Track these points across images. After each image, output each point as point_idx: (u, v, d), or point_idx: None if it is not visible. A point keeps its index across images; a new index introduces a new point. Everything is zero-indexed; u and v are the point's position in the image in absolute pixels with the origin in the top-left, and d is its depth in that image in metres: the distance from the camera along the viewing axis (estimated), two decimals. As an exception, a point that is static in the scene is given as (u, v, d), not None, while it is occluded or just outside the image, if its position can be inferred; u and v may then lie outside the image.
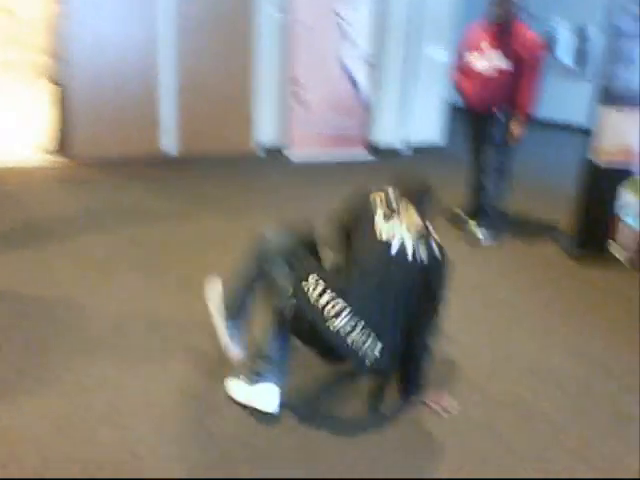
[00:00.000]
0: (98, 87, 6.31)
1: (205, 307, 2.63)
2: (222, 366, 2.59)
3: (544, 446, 2.21)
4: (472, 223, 4.55)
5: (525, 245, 4.43)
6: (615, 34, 3.96)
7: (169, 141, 6.70)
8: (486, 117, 4.33)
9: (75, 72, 6.16)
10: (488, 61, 4.21)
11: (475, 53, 4.28)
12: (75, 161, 6.25)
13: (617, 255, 4.07)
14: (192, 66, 6.65)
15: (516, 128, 4.26)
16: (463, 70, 4.40)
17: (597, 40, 8.92)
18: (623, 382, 2.68)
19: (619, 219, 4.09)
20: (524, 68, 4.13)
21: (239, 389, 2.37)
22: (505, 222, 4.67)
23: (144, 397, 2.40)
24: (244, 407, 2.32)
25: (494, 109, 4.26)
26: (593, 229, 4.17)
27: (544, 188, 5.76)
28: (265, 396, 2.30)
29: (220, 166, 6.46)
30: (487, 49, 4.22)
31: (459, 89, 4.49)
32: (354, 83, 7.12)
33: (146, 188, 5.54)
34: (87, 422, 2.24)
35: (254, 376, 2.33)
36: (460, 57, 4.45)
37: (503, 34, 4.18)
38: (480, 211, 4.54)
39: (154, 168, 6.26)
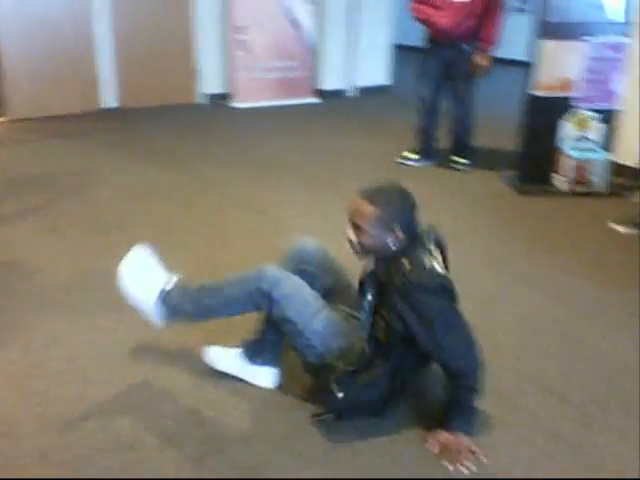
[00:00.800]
0: (29, 42, 6.02)
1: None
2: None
3: (504, 379, 2.29)
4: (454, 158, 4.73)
5: (472, 179, 4.52)
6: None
7: (109, 95, 6.49)
8: (454, 50, 4.42)
9: (3, 26, 5.86)
10: None
11: None
12: (12, 121, 6.02)
13: (559, 186, 4.20)
14: (128, 15, 6.40)
15: (483, 60, 4.44)
16: (432, 3, 4.39)
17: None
18: (571, 307, 2.80)
19: (561, 151, 4.19)
20: (490, 2, 4.33)
21: (232, 362, 2.19)
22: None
23: (101, 351, 2.40)
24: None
25: (463, 42, 4.38)
26: (536, 162, 4.27)
27: (491, 122, 5.83)
28: (264, 374, 2.18)
29: (164, 117, 6.33)
30: None
31: (427, 22, 4.47)
32: (298, 26, 6.98)
33: (90, 144, 5.39)
34: (44, 379, 2.23)
35: (255, 357, 2.16)
36: None
37: None
38: (459, 144, 4.71)
39: (96, 123, 6.08)
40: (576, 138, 4.19)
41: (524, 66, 4.34)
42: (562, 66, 4.10)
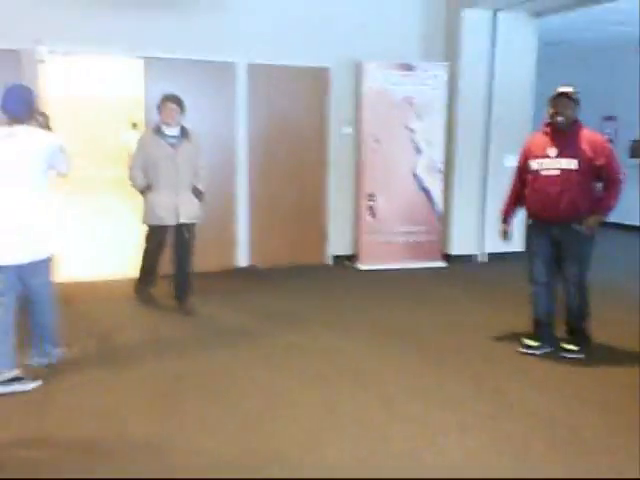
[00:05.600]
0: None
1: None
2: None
3: None
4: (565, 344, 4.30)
5: (610, 365, 4.13)
6: None
7: (244, 255, 6.90)
8: (562, 229, 4.15)
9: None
10: (556, 166, 4.10)
11: (541, 160, 4.17)
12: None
13: None
14: (267, 181, 6.91)
15: (592, 220, 4.07)
16: (530, 180, 4.25)
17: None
18: None
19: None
20: (603, 176, 4.07)
21: None
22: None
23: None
24: None
25: (573, 221, 4.09)
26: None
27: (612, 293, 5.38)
28: None
29: (294, 276, 6.58)
30: (553, 154, 4.12)
31: (523, 203, 4.37)
32: (427, 194, 7.16)
33: (221, 304, 5.60)
34: None
35: None
36: (525, 167, 4.30)
37: (567, 138, 4.10)
38: (576, 328, 4.29)
39: (229, 282, 6.40)
40: None
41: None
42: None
